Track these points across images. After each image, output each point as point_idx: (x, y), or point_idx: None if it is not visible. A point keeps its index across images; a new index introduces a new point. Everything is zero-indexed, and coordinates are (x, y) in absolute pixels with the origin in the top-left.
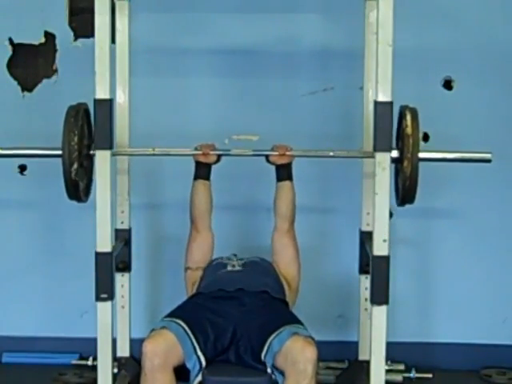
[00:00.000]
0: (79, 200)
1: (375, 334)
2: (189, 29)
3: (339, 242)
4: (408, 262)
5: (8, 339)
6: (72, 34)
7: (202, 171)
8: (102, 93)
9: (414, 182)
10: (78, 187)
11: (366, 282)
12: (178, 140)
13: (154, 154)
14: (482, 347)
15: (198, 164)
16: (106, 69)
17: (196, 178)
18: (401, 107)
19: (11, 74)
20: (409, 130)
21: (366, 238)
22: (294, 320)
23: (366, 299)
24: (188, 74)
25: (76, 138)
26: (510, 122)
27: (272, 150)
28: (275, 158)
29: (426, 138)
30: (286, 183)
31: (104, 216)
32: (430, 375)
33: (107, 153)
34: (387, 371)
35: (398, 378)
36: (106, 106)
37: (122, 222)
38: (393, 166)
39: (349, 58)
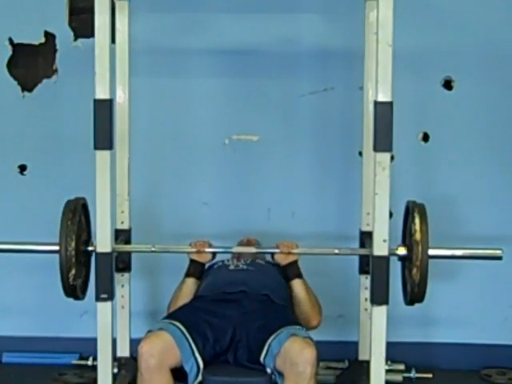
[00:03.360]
0: (76, 298)
1: (375, 334)
2: (189, 29)
3: (339, 242)
4: None
5: (8, 339)
6: (72, 34)
7: (195, 270)
8: (101, 93)
9: (422, 287)
10: (76, 289)
11: (366, 282)
12: (178, 141)
13: (153, 251)
14: (482, 347)
15: (192, 262)
16: (106, 69)
17: (188, 275)
18: (408, 203)
19: (11, 74)
20: (418, 236)
21: (366, 237)
22: (293, 321)
23: (366, 299)
24: (188, 74)
25: (73, 244)
26: (510, 122)
27: (276, 247)
28: (280, 258)
29: (426, 137)
30: (296, 282)
31: (104, 216)
32: (430, 375)
33: (107, 153)
34: (387, 371)
35: (398, 377)
36: (106, 106)
37: (122, 222)
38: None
39: (349, 58)
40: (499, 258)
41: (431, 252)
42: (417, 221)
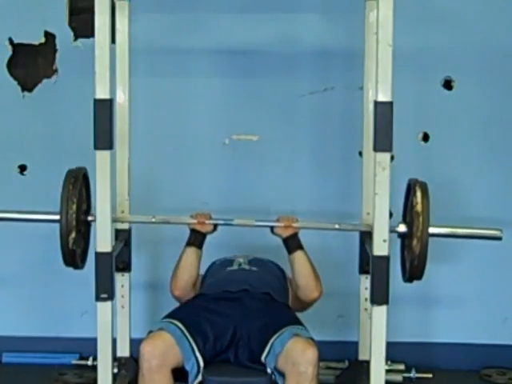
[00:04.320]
0: (76, 267)
1: (375, 334)
2: (189, 29)
3: (339, 242)
4: None
5: (8, 339)
6: (72, 34)
7: (196, 239)
8: (102, 93)
9: (422, 260)
10: (75, 255)
11: (366, 281)
12: (178, 141)
13: (153, 222)
14: (482, 347)
15: (193, 231)
16: (106, 69)
17: (188, 245)
18: (410, 180)
19: (11, 74)
20: (419, 208)
21: (366, 237)
22: (296, 321)
23: (366, 299)
24: (188, 74)
25: (74, 207)
26: (510, 122)
27: (277, 221)
28: (280, 230)
29: (426, 137)
30: (298, 254)
31: (104, 216)
32: (430, 375)
33: (107, 153)
34: (387, 371)
35: (398, 377)
36: (106, 106)
37: (122, 222)
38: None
39: (349, 58)
40: (499, 238)
41: (431, 230)
42: (418, 194)
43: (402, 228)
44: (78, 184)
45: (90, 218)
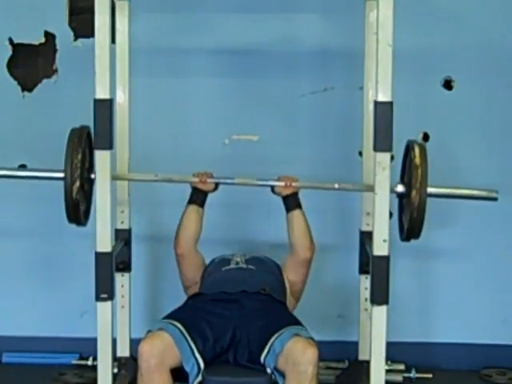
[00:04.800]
0: (79, 222)
1: (375, 334)
2: (189, 29)
3: (339, 242)
4: (408, 261)
5: (8, 339)
6: (72, 34)
7: (198, 198)
8: (102, 93)
9: (421, 213)
10: (79, 209)
11: (366, 281)
12: (178, 141)
13: (155, 180)
14: (482, 347)
15: (195, 190)
16: (106, 69)
17: (190, 203)
18: (408, 141)
19: (11, 74)
20: (417, 161)
21: (366, 237)
22: (295, 321)
23: (366, 299)
24: (188, 74)
25: (79, 156)
26: (510, 122)
27: (278, 180)
28: (280, 189)
29: (426, 137)
30: (296, 212)
31: (104, 216)
32: (430, 375)
33: (107, 153)
34: (387, 371)
35: (398, 378)
36: (106, 106)
37: (122, 222)
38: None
39: (349, 57)
40: (494, 198)
41: (430, 190)
42: (416, 150)
43: (401, 188)
44: (83, 141)
45: (92, 176)
